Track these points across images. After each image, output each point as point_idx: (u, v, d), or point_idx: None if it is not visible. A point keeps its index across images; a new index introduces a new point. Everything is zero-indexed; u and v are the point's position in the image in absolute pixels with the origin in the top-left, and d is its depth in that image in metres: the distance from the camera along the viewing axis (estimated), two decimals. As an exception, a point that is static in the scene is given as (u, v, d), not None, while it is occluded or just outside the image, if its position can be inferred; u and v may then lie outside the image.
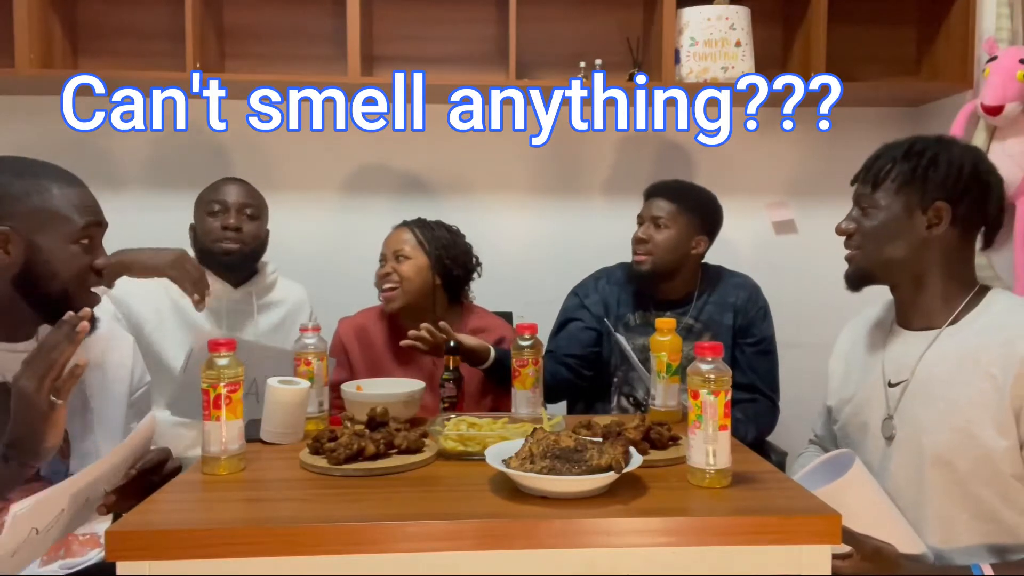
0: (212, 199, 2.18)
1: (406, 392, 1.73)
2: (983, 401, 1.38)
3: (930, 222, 1.45)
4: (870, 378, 1.56)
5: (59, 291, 1.42)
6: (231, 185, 2.22)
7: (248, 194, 2.22)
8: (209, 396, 1.34)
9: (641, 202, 2.25)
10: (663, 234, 2.16)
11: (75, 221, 1.43)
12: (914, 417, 1.45)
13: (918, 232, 1.46)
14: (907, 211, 1.46)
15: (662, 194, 2.21)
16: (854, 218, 1.53)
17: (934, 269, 1.47)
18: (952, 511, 1.40)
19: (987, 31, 2.38)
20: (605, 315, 2.23)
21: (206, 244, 2.16)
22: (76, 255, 1.43)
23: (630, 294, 2.25)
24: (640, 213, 2.22)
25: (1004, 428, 1.36)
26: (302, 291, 2.31)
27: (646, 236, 2.17)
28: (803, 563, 1.15)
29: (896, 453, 1.47)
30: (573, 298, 2.31)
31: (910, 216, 1.46)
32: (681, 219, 2.17)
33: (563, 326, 2.28)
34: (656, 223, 2.17)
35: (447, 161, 2.76)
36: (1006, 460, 1.36)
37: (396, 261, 2.14)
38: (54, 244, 1.41)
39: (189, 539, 1.12)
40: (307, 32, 2.66)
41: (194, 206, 2.23)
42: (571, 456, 1.26)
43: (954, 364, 1.43)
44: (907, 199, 1.46)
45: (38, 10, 2.36)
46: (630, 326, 2.22)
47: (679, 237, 2.17)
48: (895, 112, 2.80)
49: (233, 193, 2.19)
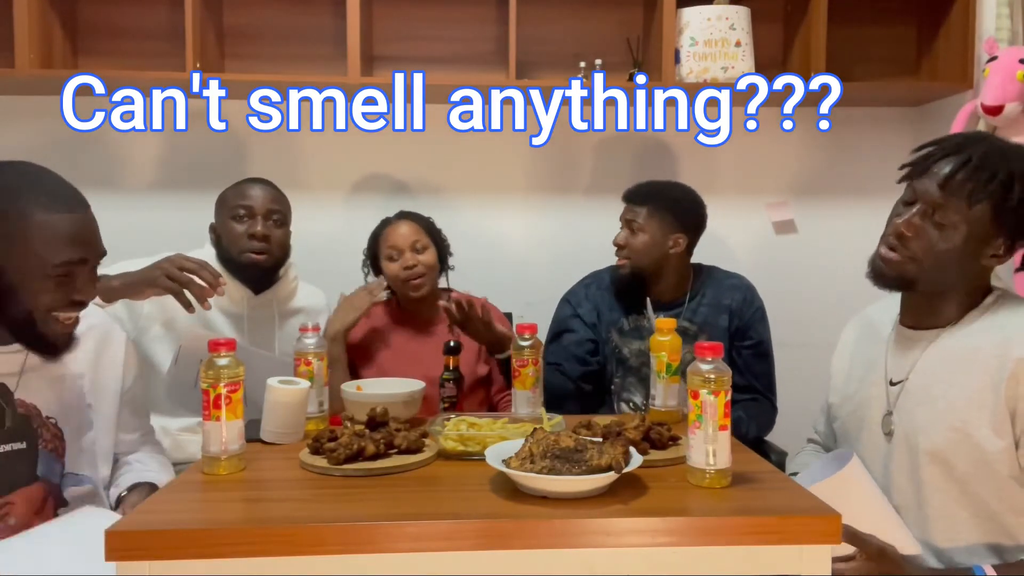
0: (238, 203, 2.09)
1: (406, 392, 1.73)
2: (980, 401, 1.37)
3: (995, 253, 1.40)
4: (872, 376, 1.56)
5: (25, 320, 1.37)
6: (257, 188, 2.12)
7: (275, 199, 2.14)
8: (209, 396, 1.34)
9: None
10: (638, 238, 2.16)
11: (51, 256, 1.34)
12: (912, 416, 1.45)
13: (981, 259, 1.41)
14: (983, 239, 1.39)
15: (634, 198, 2.20)
16: (918, 224, 1.41)
17: (962, 281, 1.45)
18: (952, 509, 1.40)
19: (987, 31, 2.38)
20: (598, 322, 2.22)
21: (231, 252, 2.09)
22: (48, 290, 1.35)
23: (621, 298, 2.23)
24: (621, 217, 2.22)
25: (1000, 428, 1.36)
26: (322, 296, 2.30)
27: (623, 241, 2.18)
28: (803, 563, 1.16)
29: (895, 451, 1.47)
30: (565, 307, 2.29)
31: (983, 245, 1.40)
32: (654, 220, 2.16)
33: (558, 336, 2.26)
34: (631, 227, 2.17)
35: (447, 161, 2.75)
36: (1002, 460, 1.36)
37: (417, 252, 2.16)
38: (23, 276, 1.34)
39: (189, 539, 1.12)
40: (307, 32, 2.66)
41: (216, 207, 2.16)
42: (571, 456, 1.26)
43: (953, 364, 1.43)
44: (991, 229, 1.38)
45: (38, 10, 2.36)
46: (624, 331, 2.21)
47: (653, 239, 2.16)
48: (895, 112, 2.80)
49: (260, 197, 2.10)
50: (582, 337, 2.23)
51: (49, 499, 1.46)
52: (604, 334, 2.22)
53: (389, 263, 2.17)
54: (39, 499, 1.44)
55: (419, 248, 2.16)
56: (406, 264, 2.15)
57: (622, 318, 2.22)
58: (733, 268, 2.34)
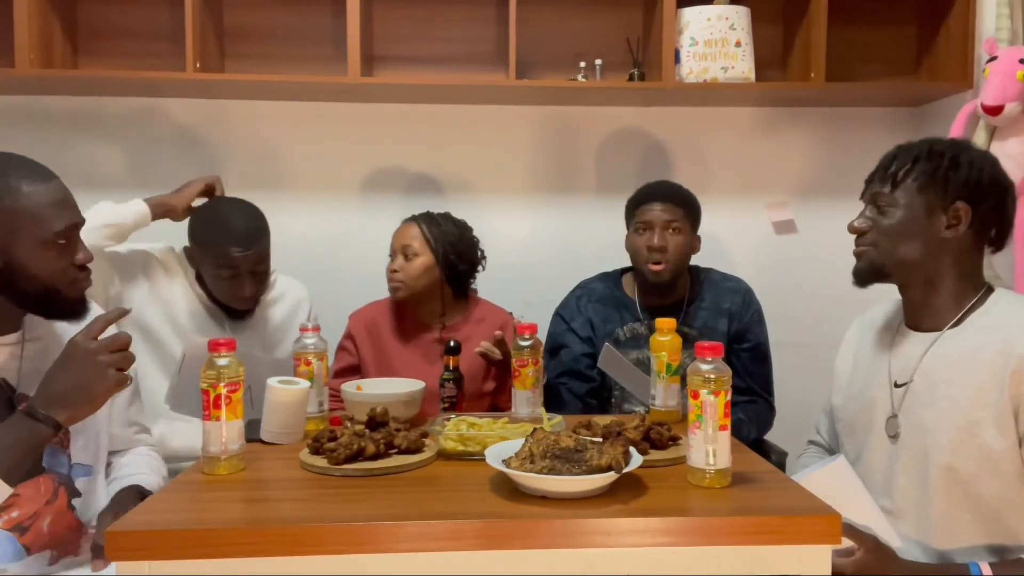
0: (222, 261, 1.96)
1: (406, 392, 1.74)
2: (984, 400, 1.38)
3: (949, 223, 1.45)
4: (877, 378, 1.56)
5: (42, 290, 1.41)
6: (240, 244, 1.96)
7: (259, 250, 2.00)
8: (209, 396, 1.34)
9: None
10: (676, 239, 2.13)
11: (49, 225, 1.38)
12: (918, 417, 1.46)
13: (936, 233, 1.45)
14: (927, 211, 1.46)
15: (667, 198, 2.15)
16: (869, 217, 1.52)
17: (947, 270, 1.47)
18: (954, 511, 1.40)
19: (987, 31, 2.37)
20: (593, 335, 2.19)
21: (216, 295, 2.04)
22: (52, 257, 1.40)
23: (614, 308, 2.22)
24: (645, 219, 2.14)
25: (1004, 427, 1.36)
26: (302, 288, 2.30)
27: (665, 243, 2.11)
28: (803, 563, 1.16)
29: (901, 453, 1.48)
30: (559, 322, 2.27)
31: (930, 216, 1.46)
32: (687, 222, 2.16)
33: (555, 352, 2.23)
34: (671, 228, 2.13)
35: (446, 161, 2.75)
36: (1006, 459, 1.36)
37: (404, 257, 2.16)
38: (29, 249, 1.38)
39: (189, 539, 1.12)
40: (307, 32, 2.66)
41: (193, 236, 2.03)
42: (571, 456, 1.26)
43: (956, 364, 1.43)
44: (928, 199, 1.46)
45: (38, 10, 2.36)
46: (620, 341, 2.18)
47: (688, 241, 2.16)
48: (895, 112, 2.80)
49: (244, 257, 1.96)
50: (578, 352, 2.20)
51: (61, 490, 1.48)
52: (600, 346, 2.19)
53: (389, 259, 2.20)
54: (48, 490, 1.45)
55: (409, 255, 2.15)
56: (390, 267, 2.18)
57: (617, 328, 2.20)
58: (733, 269, 2.35)
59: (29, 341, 1.48)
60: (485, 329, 2.19)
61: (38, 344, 1.49)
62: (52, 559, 1.46)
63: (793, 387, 2.39)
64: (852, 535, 1.33)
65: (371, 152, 2.74)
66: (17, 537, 1.41)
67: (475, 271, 2.24)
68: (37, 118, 2.62)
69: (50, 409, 1.31)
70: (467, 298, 2.26)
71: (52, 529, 1.45)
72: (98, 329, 1.35)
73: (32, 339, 1.48)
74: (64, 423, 1.33)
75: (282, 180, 2.71)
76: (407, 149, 2.74)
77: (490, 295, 2.32)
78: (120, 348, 1.35)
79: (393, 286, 2.17)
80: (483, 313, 2.25)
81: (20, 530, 1.42)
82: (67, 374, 1.33)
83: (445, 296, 2.20)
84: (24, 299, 1.43)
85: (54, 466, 1.47)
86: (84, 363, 1.32)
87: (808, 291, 2.76)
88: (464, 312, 2.24)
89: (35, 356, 1.47)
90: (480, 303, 2.28)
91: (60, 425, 1.33)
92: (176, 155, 2.66)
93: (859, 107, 2.78)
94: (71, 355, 1.33)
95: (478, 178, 2.77)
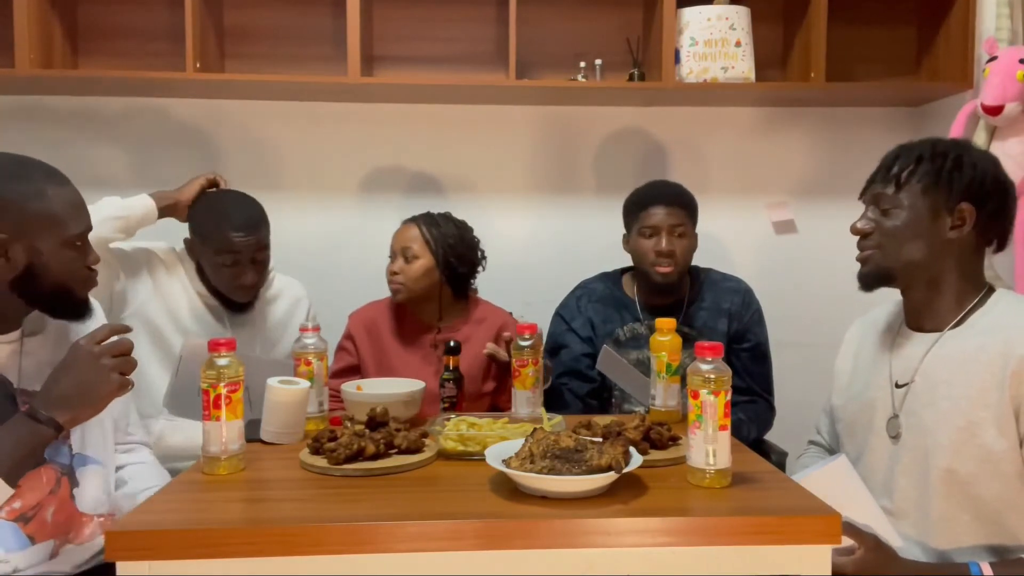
0: (222, 247, 1.97)
1: (406, 392, 1.74)
2: (984, 401, 1.38)
3: (954, 224, 1.45)
4: (877, 378, 1.56)
5: (56, 290, 1.44)
6: (241, 230, 1.97)
7: (259, 237, 2.01)
8: (209, 396, 1.34)
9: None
10: (683, 243, 2.12)
11: (70, 226, 1.43)
12: (919, 418, 1.46)
13: (940, 234, 1.45)
14: (932, 212, 1.45)
15: (671, 201, 2.14)
16: (872, 218, 1.51)
17: (949, 271, 1.47)
18: (955, 512, 1.40)
19: (987, 31, 2.37)
20: (593, 335, 2.19)
21: (214, 283, 2.05)
22: (72, 258, 1.44)
23: (614, 308, 2.21)
24: (651, 224, 2.12)
25: (1004, 427, 1.36)
26: (300, 286, 2.30)
27: (673, 248, 2.10)
28: (803, 563, 1.16)
29: (901, 454, 1.47)
30: (559, 322, 2.26)
31: (934, 217, 1.45)
32: (690, 224, 2.16)
33: (555, 352, 2.23)
34: (677, 232, 2.12)
35: (446, 161, 2.76)
36: (1007, 460, 1.36)
37: (404, 259, 2.15)
38: (52, 249, 1.42)
39: (189, 539, 1.12)
40: (307, 32, 2.66)
41: (194, 225, 2.05)
42: (571, 456, 1.26)
43: (957, 364, 1.43)
44: (932, 200, 1.45)
45: (38, 10, 2.36)
46: (620, 341, 2.18)
47: (692, 242, 2.16)
48: (895, 112, 2.80)
49: (244, 243, 1.97)
50: (578, 352, 2.19)
51: (63, 480, 1.49)
52: (600, 346, 2.19)
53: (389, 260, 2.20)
54: (50, 481, 1.46)
55: (409, 257, 2.15)
56: (390, 269, 2.18)
57: (617, 329, 2.19)
58: (733, 269, 2.34)
59: (28, 337, 1.49)
60: (485, 329, 2.19)
61: (36, 338, 1.50)
62: (55, 547, 1.47)
63: (793, 387, 2.39)
64: (853, 534, 1.33)
65: (371, 152, 2.74)
66: (21, 527, 1.42)
67: (475, 272, 2.24)
68: (37, 118, 2.63)
69: (52, 411, 1.33)
70: (467, 298, 2.26)
71: (56, 518, 1.46)
72: (102, 335, 1.38)
73: (31, 334, 1.50)
74: (65, 425, 1.35)
75: (282, 180, 2.71)
76: (407, 149, 2.74)
77: (490, 295, 2.32)
78: (123, 353, 1.37)
79: (393, 288, 2.18)
80: (483, 313, 2.25)
81: (24, 520, 1.42)
82: (70, 376, 1.35)
83: (445, 297, 2.20)
84: (37, 298, 1.45)
85: (55, 457, 1.48)
86: (87, 366, 1.34)
87: (808, 291, 2.76)
88: (464, 312, 2.24)
89: (35, 351, 1.48)
90: (480, 303, 2.28)
91: (61, 427, 1.34)
92: (176, 155, 2.66)
93: (859, 107, 2.78)
94: (74, 358, 1.35)
95: (478, 178, 2.77)
